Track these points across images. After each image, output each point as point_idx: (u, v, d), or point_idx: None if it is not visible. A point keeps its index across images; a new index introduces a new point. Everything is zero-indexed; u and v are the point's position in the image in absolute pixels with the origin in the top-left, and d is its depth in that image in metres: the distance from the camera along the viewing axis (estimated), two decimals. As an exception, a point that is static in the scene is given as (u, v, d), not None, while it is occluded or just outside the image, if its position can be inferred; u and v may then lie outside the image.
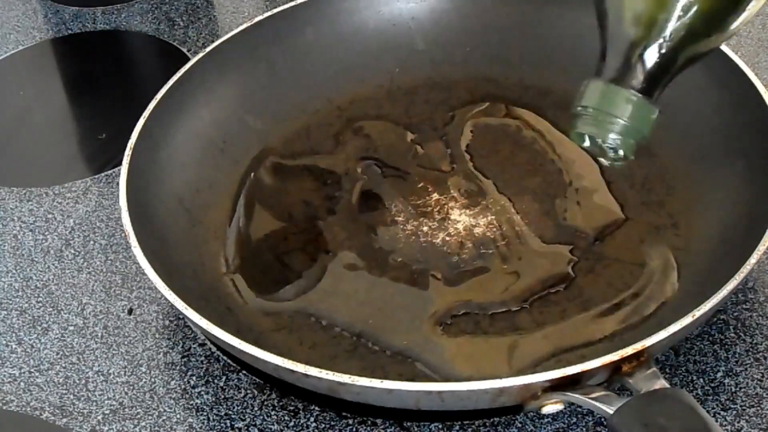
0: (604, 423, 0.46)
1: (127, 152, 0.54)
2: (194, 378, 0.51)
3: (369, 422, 0.48)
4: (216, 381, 0.50)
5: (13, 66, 0.77)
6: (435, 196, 0.58)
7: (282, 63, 0.64)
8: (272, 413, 0.49)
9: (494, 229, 0.55)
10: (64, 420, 0.49)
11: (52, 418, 0.50)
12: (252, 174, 0.60)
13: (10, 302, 0.56)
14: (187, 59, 0.62)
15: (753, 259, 0.44)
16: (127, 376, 0.51)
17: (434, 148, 0.61)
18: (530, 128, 0.62)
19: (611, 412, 0.40)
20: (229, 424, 0.48)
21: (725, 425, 0.46)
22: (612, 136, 0.42)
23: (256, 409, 0.49)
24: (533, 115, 0.62)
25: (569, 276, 0.52)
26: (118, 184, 0.57)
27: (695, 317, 0.42)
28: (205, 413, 0.49)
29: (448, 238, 0.55)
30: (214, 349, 0.52)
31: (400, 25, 0.66)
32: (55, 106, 0.73)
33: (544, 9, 0.65)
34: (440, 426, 0.47)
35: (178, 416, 0.49)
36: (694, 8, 0.40)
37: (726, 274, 0.44)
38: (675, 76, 0.42)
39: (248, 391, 0.50)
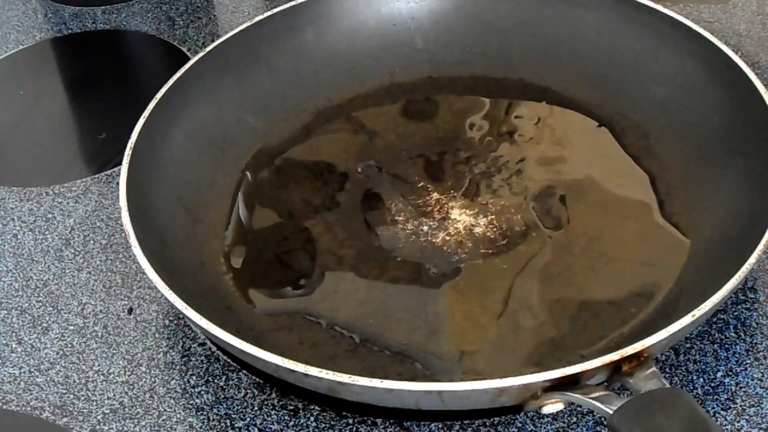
0: (604, 423, 0.46)
1: (127, 152, 0.54)
2: (194, 378, 0.51)
3: (369, 422, 0.48)
4: (216, 381, 0.50)
5: (13, 66, 0.77)
6: (435, 195, 0.58)
7: (282, 63, 0.64)
8: (272, 413, 0.49)
9: (494, 229, 0.55)
10: (64, 420, 0.49)
11: (52, 417, 0.50)
12: (248, 173, 0.60)
13: (10, 302, 0.56)
14: (187, 59, 0.62)
15: (753, 259, 0.44)
16: (127, 375, 0.51)
17: (434, 148, 0.61)
18: (530, 126, 0.62)
19: (611, 412, 0.40)
20: (229, 424, 0.48)
21: (725, 425, 0.46)
22: None
23: (256, 408, 0.49)
24: (533, 111, 0.62)
25: (569, 275, 0.52)
26: (118, 184, 0.57)
27: (695, 317, 0.42)
28: (205, 413, 0.49)
29: (448, 238, 0.55)
30: (214, 348, 0.52)
31: (400, 24, 0.66)
32: (55, 106, 0.73)
33: (544, 9, 0.65)
34: (440, 426, 0.47)
35: (178, 416, 0.49)
36: None
37: (726, 274, 0.44)
38: None
39: (248, 391, 0.50)
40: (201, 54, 0.61)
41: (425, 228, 0.56)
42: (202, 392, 0.50)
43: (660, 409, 0.39)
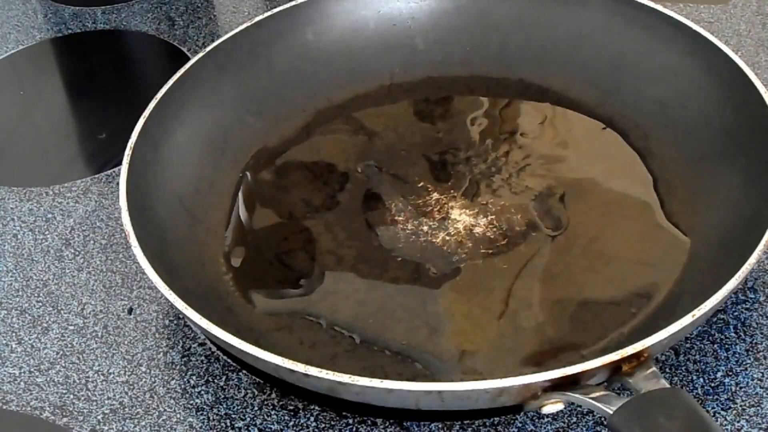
0: (604, 423, 0.46)
1: (127, 152, 0.54)
2: (194, 378, 0.51)
3: (369, 422, 0.48)
4: (216, 381, 0.50)
5: (13, 66, 0.77)
6: (435, 195, 0.58)
7: (282, 63, 0.64)
8: (272, 413, 0.49)
9: (494, 229, 0.55)
10: (64, 420, 0.49)
11: (52, 417, 0.50)
12: (248, 173, 0.60)
13: (10, 302, 0.56)
14: (187, 59, 0.62)
15: (753, 259, 0.44)
16: (127, 375, 0.51)
17: (434, 148, 0.61)
18: (530, 126, 0.62)
19: (611, 412, 0.40)
20: (229, 424, 0.48)
21: (725, 425, 0.46)
22: None
23: (256, 408, 0.49)
24: (533, 111, 0.62)
25: (569, 275, 0.52)
26: (118, 184, 0.57)
27: (695, 317, 0.42)
28: (205, 413, 0.49)
29: (448, 238, 0.55)
30: (214, 348, 0.52)
31: (400, 25, 0.66)
32: (55, 106, 0.73)
33: (544, 9, 0.65)
34: (440, 426, 0.47)
35: (178, 416, 0.49)
36: None
37: (726, 274, 0.44)
38: None
39: (248, 391, 0.50)
40: (201, 54, 0.61)
41: (425, 228, 0.56)
42: (202, 392, 0.50)
43: (660, 409, 0.39)
